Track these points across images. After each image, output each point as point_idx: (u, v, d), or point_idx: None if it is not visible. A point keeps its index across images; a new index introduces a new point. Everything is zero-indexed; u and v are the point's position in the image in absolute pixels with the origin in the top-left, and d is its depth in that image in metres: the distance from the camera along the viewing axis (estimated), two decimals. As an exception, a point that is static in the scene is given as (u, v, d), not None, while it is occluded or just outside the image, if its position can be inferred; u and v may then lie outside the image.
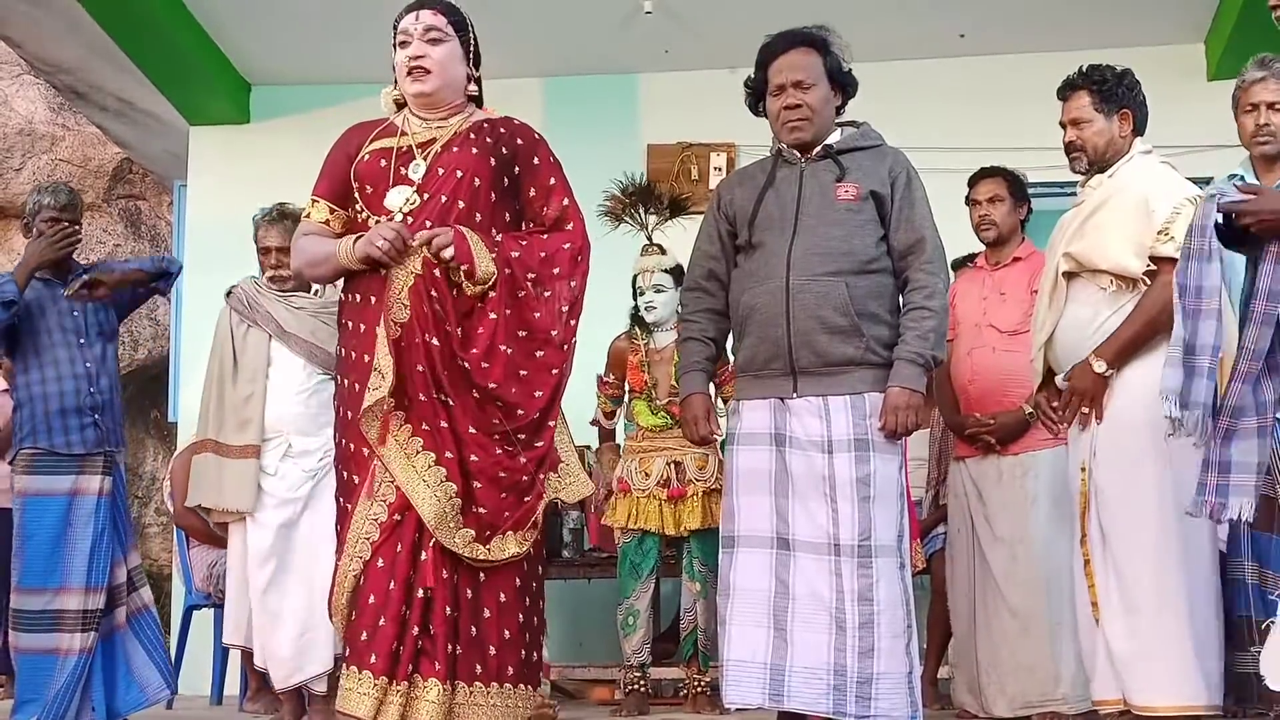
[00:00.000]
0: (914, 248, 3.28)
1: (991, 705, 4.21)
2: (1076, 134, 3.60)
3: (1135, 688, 3.30)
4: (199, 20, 6.20)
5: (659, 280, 4.76)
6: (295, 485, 4.27)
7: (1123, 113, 3.57)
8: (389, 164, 3.15)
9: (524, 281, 3.09)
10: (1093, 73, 3.62)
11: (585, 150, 6.23)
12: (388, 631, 2.95)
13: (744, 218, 3.37)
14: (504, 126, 3.23)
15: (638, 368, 4.79)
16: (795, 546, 3.19)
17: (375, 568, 2.99)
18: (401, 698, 2.94)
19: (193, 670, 5.51)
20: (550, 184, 3.22)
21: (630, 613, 4.74)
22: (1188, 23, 6.14)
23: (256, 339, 4.33)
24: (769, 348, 3.26)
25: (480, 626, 3.04)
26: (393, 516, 3.00)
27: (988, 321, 4.33)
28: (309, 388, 4.29)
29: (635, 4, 5.99)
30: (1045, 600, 4.08)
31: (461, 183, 3.12)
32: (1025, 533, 4.16)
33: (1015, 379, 4.23)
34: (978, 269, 4.52)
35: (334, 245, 3.15)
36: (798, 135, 3.34)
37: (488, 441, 3.03)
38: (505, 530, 3.03)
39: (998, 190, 4.39)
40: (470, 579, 3.04)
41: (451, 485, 2.99)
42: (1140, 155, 3.57)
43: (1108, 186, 3.54)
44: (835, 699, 3.09)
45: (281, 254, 4.26)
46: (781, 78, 3.33)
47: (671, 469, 4.71)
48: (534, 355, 3.08)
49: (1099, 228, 3.48)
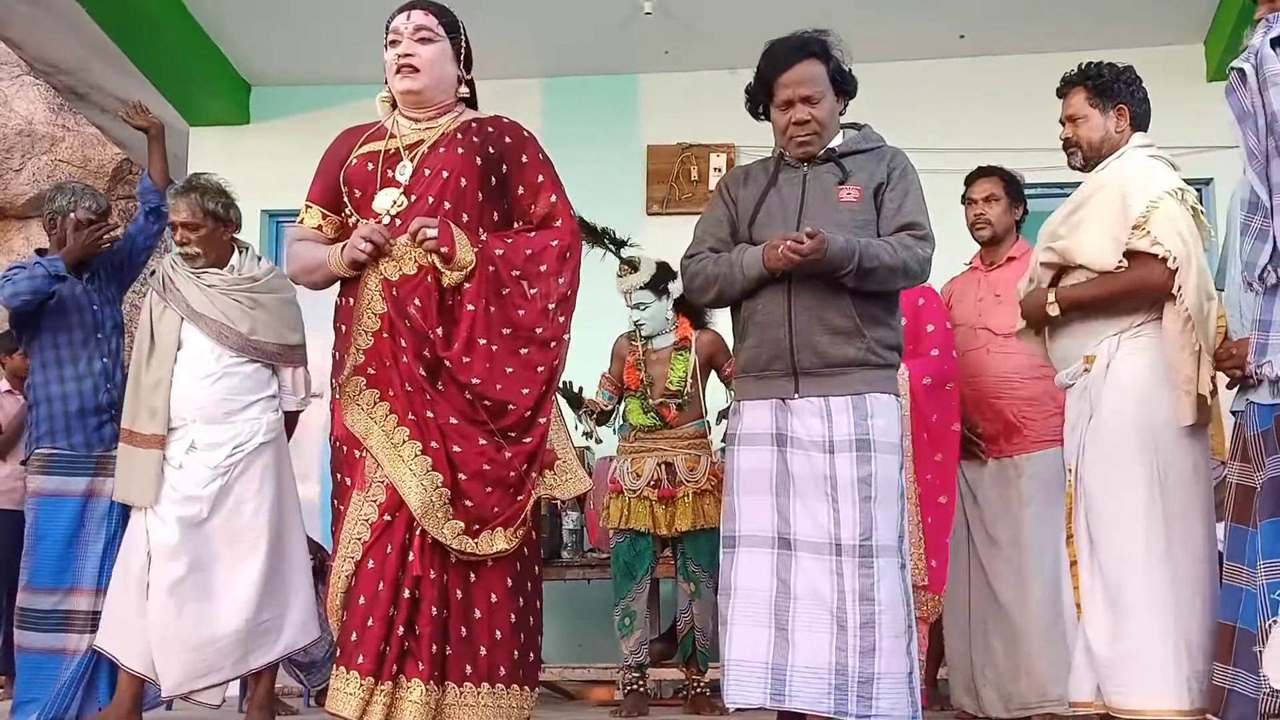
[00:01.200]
0: (906, 228, 3.26)
1: (988, 706, 4.22)
2: (1072, 130, 3.61)
3: (1115, 690, 3.27)
4: (199, 20, 6.21)
5: (639, 298, 4.79)
6: (201, 482, 3.93)
7: (1119, 108, 3.57)
8: (376, 167, 3.18)
9: (509, 279, 3.10)
10: (1089, 69, 3.62)
11: (585, 151, 6.27)
12: (375, 632, 2.96)
13: (745, 216, 3.37)
14: (492, 125, 3.24)
15: (634, 366, 4.81)
16: (796, 546, 3.19)
17: (365, 568, 3.00)
18: (386, 698, 2.94)
19: (192, 670, 5.50)
20: (538, 181, 3.22)
21: (627, 613, 4.74)
22: (1187, 23, 6.14)
23: (170, 321, 4.04)
24: (771, 348, 3.26)
25: (470, 627, 3.04)
26: (383, 516, 3.01)
27: (982, 324, 4.33)
28: (216, 372, 3.99)
29: (635, 4, 5.99)
30: (1040, 601, 4.08)
31: (448, 183, 3.13)
32: (1020, 534, 4.16)
33: (1010, 381, 4.24)
34: (973, 270, 4.52)
35: (325, 253, 3.17)
36: (806, 150, 3.33)
37: (471, 433, 3.04)
38: (495, 526, 3.03)
39: (994, 189, 4.39)
40: (460, 579, 3.04)
41: (438, 475, 3.00)
42: (1132, 150, 3.55)
43: (1094, 182, 3.54)
44: (836, 699, 3.09)
45: (188, 229, 4.05)
46: (788, 93, 3.30)
47: (662, 470, 4.73)
48: (519, 353, 3.09)
49: (1079, 224, 3.48)
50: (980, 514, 4.26)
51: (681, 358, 4.78)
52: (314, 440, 6.58)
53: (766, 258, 3.20)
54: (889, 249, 3.21)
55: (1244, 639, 3.00)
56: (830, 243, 3.12)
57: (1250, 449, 3.07)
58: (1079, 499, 3.43)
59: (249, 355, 4.02)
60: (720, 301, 3.46)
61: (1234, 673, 3.01)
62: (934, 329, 4.32)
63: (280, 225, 6.78)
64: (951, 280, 4.55)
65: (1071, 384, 3.53)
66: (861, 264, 3.16)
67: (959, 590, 4.33)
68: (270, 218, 6.74)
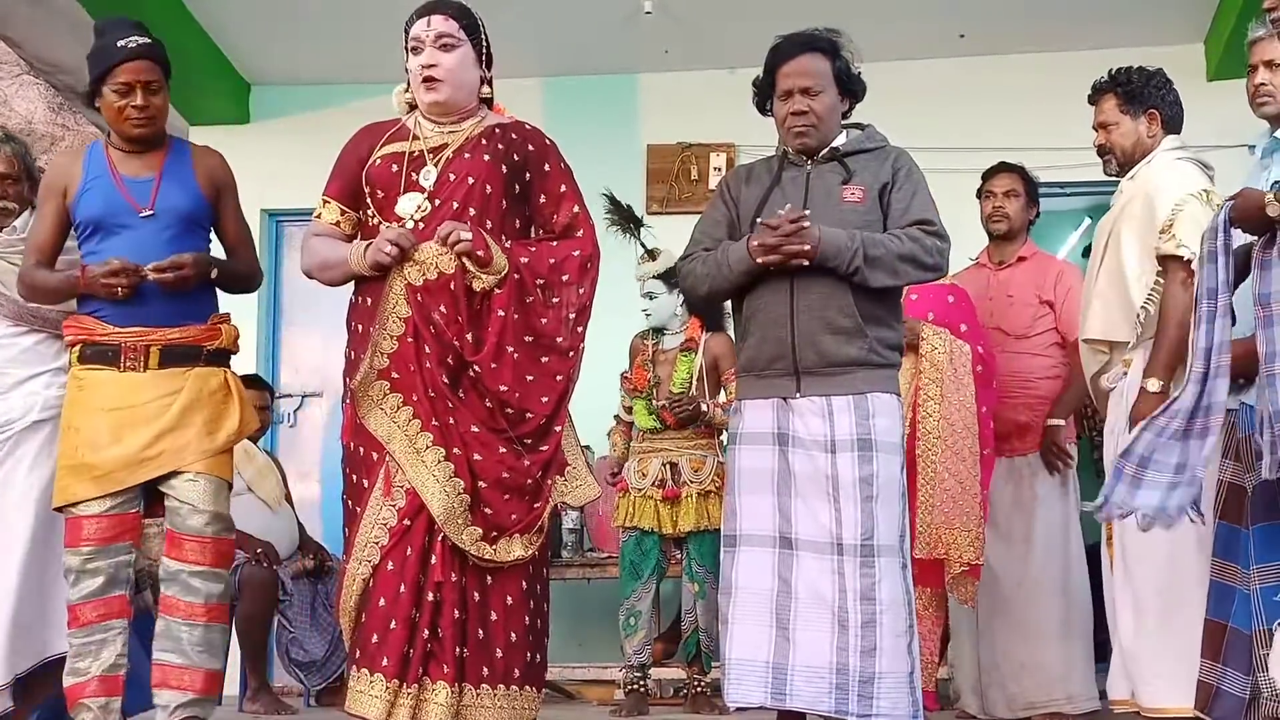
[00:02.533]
0: (917, 224, 3.26)
1: (993, 706, 4.21)
2: (1105, 137, 3.61)
3: (1144, 688, 3.29)
4: (199, 20, 6.21)
5: (650, 287, 4.80)
6: None
7: (1150, 113, 3.57)
8: (400, 169, 3.16)
9: (533, 287, 3.10)
10: (1119, 75, 3.62)
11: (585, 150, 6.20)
12: (399, 634, 2.96)
13: (747, 215, 3.38)
14: (515, 132, 3.24)
15: (642, 366, 4.82)
16: (798, 546, 3.19)
17: (385, 571, 3.01)
18: (412, 700, 2.96)
19: (192, 670, 5.50)
20: (561, 191, 3.23)
21: (632, 613, 4.75)
22: (1187, 23, 6.13)
23: None
24: (772, 348, 3.26)
25: (487, 629, 3.06)
26: (403, 521, 3.02)
27: (995, 324, 4.32)
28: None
29: (635, 4, 5.98)
30: (1050, 600, 4.08)
31: (473, 190, 3.13)
32: (1031, 533, 4.15)
33: (1024, 381, 4.23)
34: (980, 267, 4.51)
35: (345, 250, 3.16)
36: (803, 141, 3.34)
37: (492, 441, 3.05)
38: (513, 533, 3.05)
39: (1014, 185, 4.40)
40: (478, 582, 3.06)
41: (460, 481, 3.01)
42: (1161, 154, 3.55)
43: (1128, 191, 3.55)
44: (838, 698, 3.09)
45: (6, 182, 3.76)
46: (789, 83, 3.33)
47: (667, 470, 4.73)
48: (540, 361, 3.10)
49: (1117, 244, 3.48)
50: (991, 512, 4.25)
51: (686, 359, 4.78)
52: (314, 440, 6.59)
53: (750, 249, 3.20)
54: (895, 239, 3.21)
55: (1235, 638, 3.01)
56: (822, 230, 3.13)
57: (1241, 450, 3.08)
58: None
59: (28, 325, 3.68)
60: (714, 297, 3.48)
61: (1222, 670, 3.03)
62: (967, 329, 4.23)
63: (280, 224, 6.77)
64: (955, 275, 4.54)
65: (1114, 387, 3.52)
66: (866, 251, 3.16)
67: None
68: (270, 217, 6.73)
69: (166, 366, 3.39)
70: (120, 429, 3.35)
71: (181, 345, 3.41)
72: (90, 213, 3.42)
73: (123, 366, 3.38)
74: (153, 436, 3.35)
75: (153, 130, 3.50)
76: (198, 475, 3.38)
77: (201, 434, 3.40)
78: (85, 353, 3.41)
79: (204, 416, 3.41)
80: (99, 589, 3.32)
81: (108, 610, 3.34)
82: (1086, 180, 5.64)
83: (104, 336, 3.38)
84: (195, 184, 3.52)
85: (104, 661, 3.32)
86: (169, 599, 3.37)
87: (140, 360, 3.38)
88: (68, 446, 3.39)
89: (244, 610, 5.05)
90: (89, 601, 3.33)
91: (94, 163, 3.48)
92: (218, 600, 3.39)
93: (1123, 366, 3.49)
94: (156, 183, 3.46)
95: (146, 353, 3.38)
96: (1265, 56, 3.38)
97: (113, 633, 3.34)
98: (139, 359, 3.38)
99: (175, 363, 3.40)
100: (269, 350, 6.69)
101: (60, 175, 3.52)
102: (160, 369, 3.39)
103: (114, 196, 3.43)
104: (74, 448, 3.37)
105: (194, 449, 3.39)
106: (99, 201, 3.42)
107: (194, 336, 3.43)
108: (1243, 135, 4.38)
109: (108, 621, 3.33)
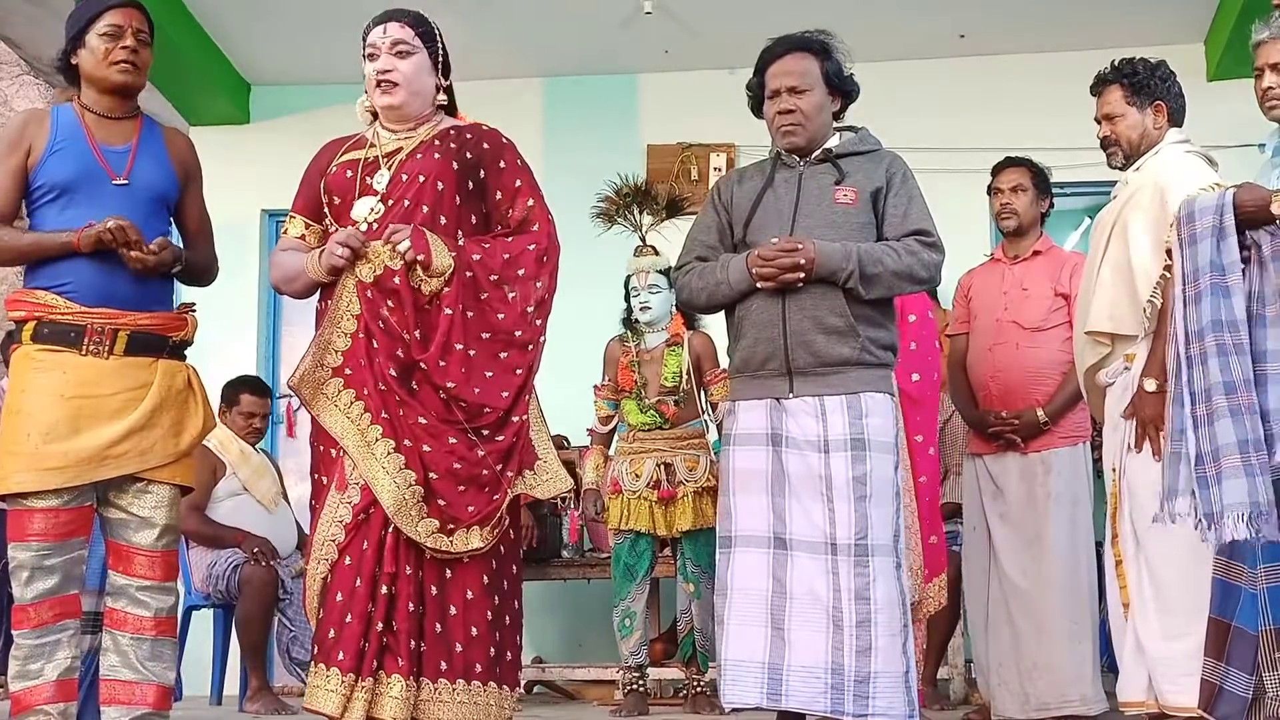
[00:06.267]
0: (913, 235, 3.27)
1: (1002, 707, 4.17)
2: (1110, 129, 3.58)
3: (1170, 688, 3.26)
4: (199, 20, 6.22)
5: (654, 281, 4.78)
6: None
7: (1156, 105, 3.56)
8: (355, 175, 3.21)
9: (486, 283, 3.12)
10: (1124, 66, 3.59)
11: (585, 150, 6.27)
12: (354, 629, 2.97)
13: (741, 217, 3.39)
14: (470, 132, 3.27)
15: (628, 368, 4.81)
16: (792, 546, 3.20)
17: (342, 566, 3.02)
18: (367, 694, 2.96)
19: (193, 670, 5.50)
20: (516, 186, 3.24)
21: (627, 614, 4.74)
22: (1187, 23, 6.14)
23: None
24: (765, 348, 3.27)
25: (445, 623, 3.05)
26: (357, 516, 3.02)
27: (1010, 318, 4.29)
28: None
29: (635, 4, 5.99)
30: (1063, 600, 4.05)
31: (424, 187, 3.15)
32: (1044, 531, 4.12)
33: (1039, 376, 4.22)
34: (995, 261, 4.50)
35: (304, 260, 3.19)
36: (790, 140, 3.36)
37: (442, 432, 3.04)
38: (470, 524, 3.04)
39: (1021, 180, 4.38)
40: (436, 575, 3.05)
41: (410, 473, 3.01)
42: (1169, 146, 3.53)
43: (1133, 183, 3.52)
44: (833, 698, 3.10)
45: None
46: (776, 82, 3.35)
47: (661, 470, 4.72)
48: (498, 356, 3.11)
49: (1124, 237, 3.46)
50: (1005, 509, 4.21)
51: (675, 354, 4.77)
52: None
53: (753, 275, 3.23)
54: (892, 254, 3.22)
55: (1239, 637, 3.00)
56: (818, 249, 3.15)
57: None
58: (1124, 497, 3.40)
59: None
60: (712, 310, 3.52)
61: (1225, 669, 3.01)
62: (916, 347, 4.25)
63: (280, 225, 6.76)
64: (970, 272, 4.53)
65: (1113, 382, 3.51)
66: (863, 269, 3.18)
67: (978, 588, 4.30)
68: (270, 217, 6.74)
69: (132, 354, 3.18)
70: (79, 419, 3.12)
71: (150, 332, 3.21)
72: (58, 176, 3.18)
73: (85, 350, 3.14)
74: (119, 434, 3.15)
75: (137, 81, 3.29)
76: (154, 484, 3.22)
77: (168, 436, 3.22)
78: (41, 331, 3.16)
79: (171, 417, 3.24)
80: (54, 587, 3.14)
81: (64, 609, 3.17)
82: (1086, 180, 5.66)
83: (66, 315, 3.14)
84: (169, 162, 3.34)
85: (59, 664, 3.16)
86: (116, 612, 3.23)
87: (105, 345, 3.15)
88: (17, 431, 3.12)
89: (244, 609, 5.05)
90: (44, 600, 3.13)
91: (64, 125, 3.24)
92: (167, 614, 3.25)
93: (1125, 361, 3.47)
94: (133, 153, 3.26)
95: (114, 337, 3.15)
96: (1273, 59, 3.35)
97: (67, 633, 3.17)
98: (104, 343, 3.15)
99: (141, 351, 3.19)
100: (269, 350, 6.70)
101: (21, 133, 3.24)
102: (125, 356, 3.17)
103: (88, 161, 3.20)
104: (25, 434, 3.11)
105: (159, 451, 3.21)
106: (69, 165, 3.19)
107: (163, 324, 3.24)
108: (1243, 135, 4.40)
109: (63, 621, 3.16)
